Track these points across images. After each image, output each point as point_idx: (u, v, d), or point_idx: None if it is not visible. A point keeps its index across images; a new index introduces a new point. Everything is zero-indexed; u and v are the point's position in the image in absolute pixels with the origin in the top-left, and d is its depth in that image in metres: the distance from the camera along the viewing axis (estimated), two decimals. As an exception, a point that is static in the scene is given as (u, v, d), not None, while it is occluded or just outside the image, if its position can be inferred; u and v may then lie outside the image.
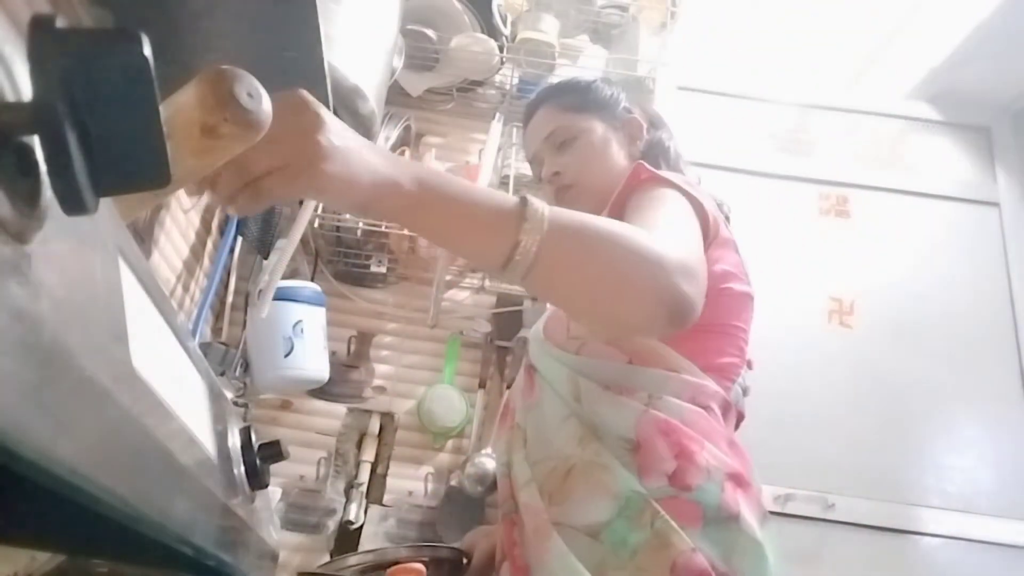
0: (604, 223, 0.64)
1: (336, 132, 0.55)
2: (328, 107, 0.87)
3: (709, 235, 0.81)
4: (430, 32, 1.66)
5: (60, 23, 0.23)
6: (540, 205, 0.60)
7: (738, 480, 0.76)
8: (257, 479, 0.58)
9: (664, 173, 0.82)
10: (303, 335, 1.35)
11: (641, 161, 0.84)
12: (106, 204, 0.29)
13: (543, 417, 0.85)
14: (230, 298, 1.42)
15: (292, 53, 0.78)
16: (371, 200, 0.56)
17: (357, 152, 0.55)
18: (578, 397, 0.81)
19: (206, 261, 1.31)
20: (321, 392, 1.49)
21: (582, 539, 0.72)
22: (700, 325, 0.76)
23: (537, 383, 0.89)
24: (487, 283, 1.63)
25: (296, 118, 0.54)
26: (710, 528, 0.71)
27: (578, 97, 1.03)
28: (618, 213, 0.81)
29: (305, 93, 0.55)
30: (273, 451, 0.63)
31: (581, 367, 0.83)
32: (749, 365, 0.91)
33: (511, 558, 0.81)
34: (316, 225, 1.49)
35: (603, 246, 0.61)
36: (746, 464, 0.80)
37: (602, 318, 0.68)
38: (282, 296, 1.34)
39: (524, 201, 0.60)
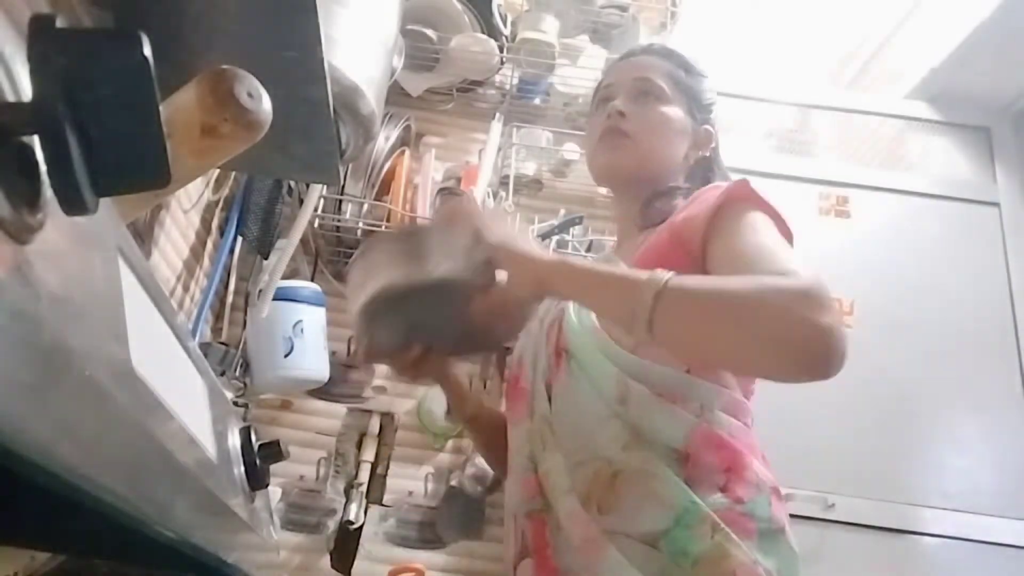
0: (734, 278, 0.68)
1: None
2: (328, 107, 0.87)
3: None
4: (430, 32, 1.66)
5: (60, 23, 0.23)
6: (664, 274, 0.66)
7: (778, 494, 0.78)
8: (257, 479, 0.58)
9: (765, 196, 0.81)
10: (303, 335, 1.35)
11: (745, 179, 0.83)
12: (106, 204, 0.29)
13: (578, 413, 0.82)
14: (230, 298, 1.42)
15: (292, 53, 0.78)
16: (547, 268, 0.73)
17: (522, 239, 0.77)
18: (625, 400, 0.78)
19: (206, 261, 1.31)
20: (321, 392, 1.49)
21: (639, 547, 0.72)
22: None
23: (571, 370, 0.84)
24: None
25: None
26: (764, 541, 0.73)
27: (686, 78, 0.99)
28: (714, 215, 0.79)
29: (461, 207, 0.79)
30: (273, 451, 0.63)
31: (635, 370, 0.80)
32: None
33: (541, 558, 0.79)
34: (316, 225, 1.49)
35: (728, 302, 0.65)
36: (776, 478, 0.81)
37: (747, 371, 0.75)
38: (282, 296, 1.34)
39: (653, 272, 0.67)
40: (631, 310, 0.66)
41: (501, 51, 1.68)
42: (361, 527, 1.41)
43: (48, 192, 0.23)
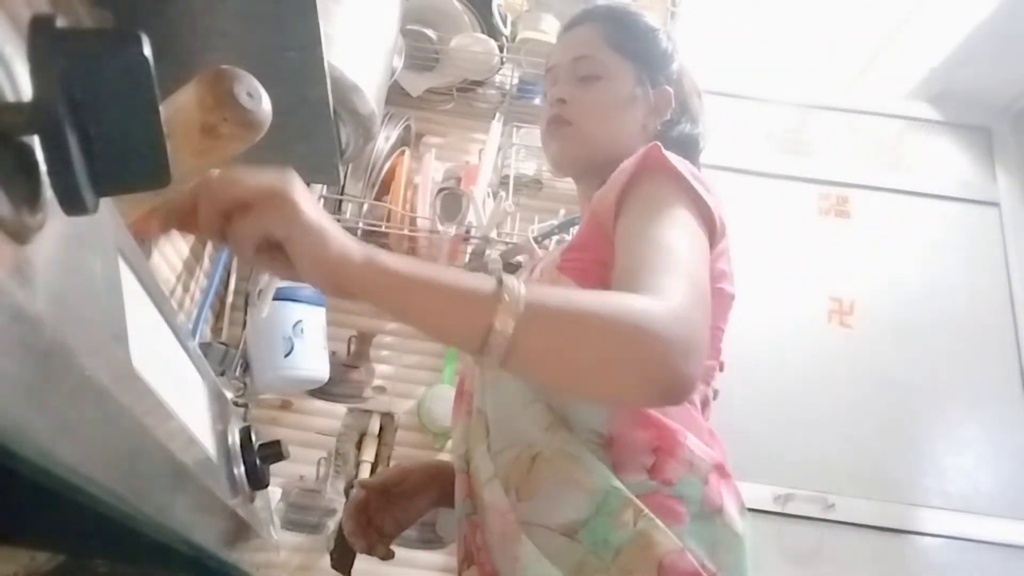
0: (591, 298, 0.61)
1: (310, 198, 0.55)
2: (328, 107, 0.87)
3: (716, 238, 0.76)
4: (430, 32, 1.66)
5: (60, 23, 0.23)
6: (517, 285, 0.57)
7: (721, 471, 0.73)
8: (257, 479, 0.58)
9: (674, 160, 0.75)
10: (303, 335, 1.35)
11: (657, 143, 0.76)
12: (106, 204, 0.29)
13: (505, 399, 0.78)
14: (230, 298, 1.42)
15: (292, 53, 0.78)
16: (345, 263, 0.54)
17: (328, 219, 0.56)
18: None
19: (206, 261, 1.31)
20: (321, 392, 1.49)
21: (557, 539, 0.67)
22: None
23: None
24: (487, 283, 1.63)
25: (269, 175, 0.54)
26: (695, 524, 0.68)
27: (628, 38, 0.93)
28: (623, 191, 0.75)
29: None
30: (273, 451, 0.63)
31: None
32: (721, 367, 0.85)
33: (478, 564, 0.75)
34: (316, 225, 1.49)
35: (589, 325, 0.58)
36: (724, 455, 0.76)
37: (591, 397, 0.68)
38: (282, 296, 1.34)
39: (500, 282, 0.57)
40: (480, 336, 0.55)
41: (501, 51, 1.68)
42: (361, 527, 1.41)
43: (48, 192, 0.23)
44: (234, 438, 0.57)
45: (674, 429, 0.71)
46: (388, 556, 0.89)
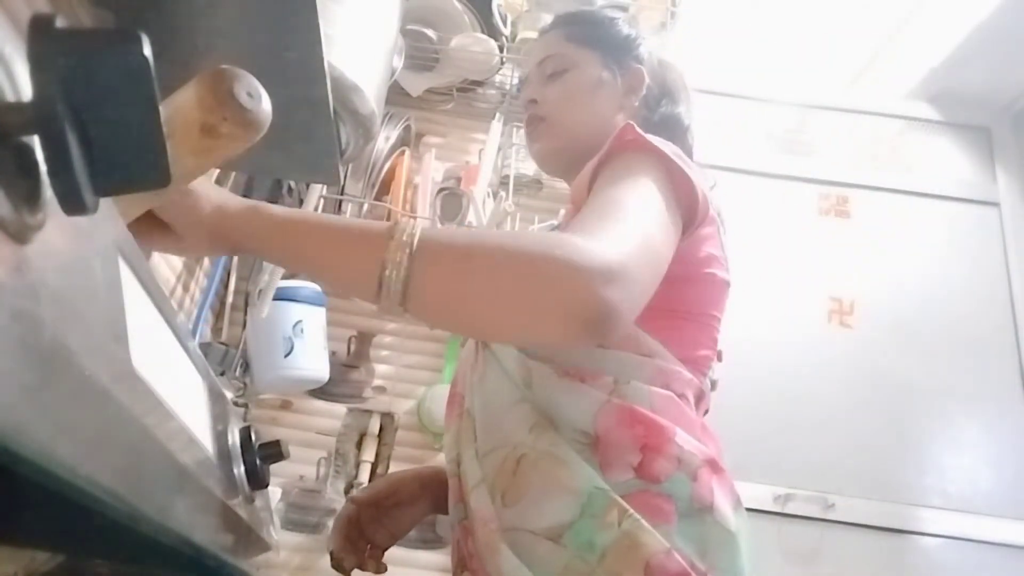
0: (501, 234, 0.59)
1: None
2: (328, 107, 0.87)
3: (698, 215, 0.73)
4: (430, 32, 1.66)
5: (60, 23, 0.23)
6: (410, 224, 0.56)
7: (713, 466, 0.70)
8: (257, 479, 0.58)
9: (652, 139, 0.72)
10: (303, 335, 1.35)
11: (630, 122, 0.74)
12: (106, 204, 0.29)
13: (491, 399, 0.76)
14: (230, 298, 1.42)
15: (292, 53, 0.78)
16: (221, 214, 0.55)
17: (208, 182, 0.58)
18: (529, 383, 0.73)
19: (206, 261, 1.31)
20: (321, 392, 1.49)
21: (542, 544, 0.65)
22: (680, 312, 0.75)
23: (486, 358, 0.79)
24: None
25: None
26: (684, 523, 0.66)
27: (587, 29, 0.95)
28: (595, 172, 0.73)
29: None
30: (273, 451, 0.63)
31: (538, 348, 0.73)
32: (719, 357, 0.82)
33: (471, 571, 0.73)
34: (316, 225, 1.50)
35: (491, 256, 0.55)
36: (719, 449, 0.74)
37: (505, 337, 0.66)
38: (282, 296, 1.33)
39: (394, 223, 0.56)
40: (374, 275, 0.54)
41: (501, 51, 1.68)
42: (361, 527, 1.41)
43: (48, 192, 0.23)
44: (234, 438, 0.57)
45: (663, 426, 0.69)
46: (381, 570, 0.88)
